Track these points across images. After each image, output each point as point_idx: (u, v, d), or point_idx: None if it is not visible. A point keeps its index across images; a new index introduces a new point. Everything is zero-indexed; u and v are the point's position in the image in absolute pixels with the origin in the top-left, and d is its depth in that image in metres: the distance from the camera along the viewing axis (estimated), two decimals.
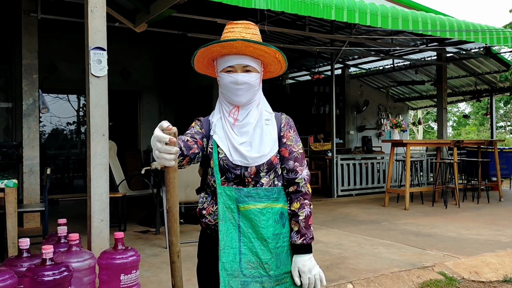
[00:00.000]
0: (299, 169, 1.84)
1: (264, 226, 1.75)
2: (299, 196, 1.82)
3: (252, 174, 1.77)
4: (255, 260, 1.75)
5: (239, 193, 1.77)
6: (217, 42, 1.75)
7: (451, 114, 28.30)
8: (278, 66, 1.89)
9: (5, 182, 4.17)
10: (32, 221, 6.53)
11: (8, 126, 8.90)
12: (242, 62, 1.79)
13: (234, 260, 1.74)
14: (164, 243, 5.24)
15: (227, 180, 1.79)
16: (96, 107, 3.53)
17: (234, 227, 1.76)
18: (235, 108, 1.83)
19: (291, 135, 1.88)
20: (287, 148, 1.85)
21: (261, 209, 1.76)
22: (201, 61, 1.89)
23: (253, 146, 1.78)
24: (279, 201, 1.81)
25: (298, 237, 1.80)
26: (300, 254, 1.80)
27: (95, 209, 3.52)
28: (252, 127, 1.80)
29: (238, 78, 1.77)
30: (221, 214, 1.76)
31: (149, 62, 10.76)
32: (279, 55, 1.80)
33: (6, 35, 8.83)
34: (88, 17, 3.51)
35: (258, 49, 1.77)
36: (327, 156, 10.45)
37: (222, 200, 1.77)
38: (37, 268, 2.60)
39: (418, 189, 8.79)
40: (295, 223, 1.81)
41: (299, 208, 1.81)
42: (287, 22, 8.16)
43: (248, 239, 1.76)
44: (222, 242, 1.74)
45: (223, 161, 1.78)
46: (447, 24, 7.28)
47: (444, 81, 10.66)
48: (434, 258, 4.62)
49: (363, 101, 13.16)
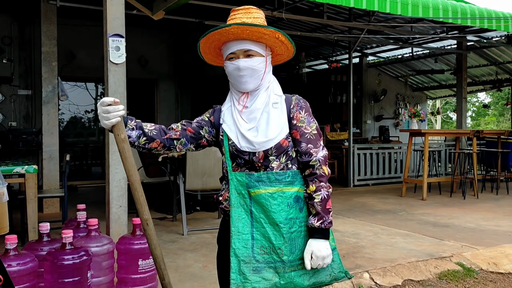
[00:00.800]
0: (313, 151, 1.79)
1: (276, 211, 1.72)
2: (314, 178, 1.77)
3: (260, 158, 1.75)
4: (268, 245, 1.73)
5: (250, 178, 1.75)
6: (212, 30, 1.74)
7: (470, 104, 27.85)
8: (283, 47, 1.83)
9: (25, 168, 4.24)
10: (51, 207, 6.65)
11: (28, 113, 9.03)
12: (243, 47, 1.76)
13: (246, 246, 1.73)
14: (181, 230, 5.28)
15: (239, 166, 1.79)
16: (115, 94, 3.55)
17: (246, 212, 1.75)
18: (244, 95, 1.81)
19: (302, 116, 1.81)
20: (298, 130, 1.80)
21: (272, 194, 1.73)
22: (209, 52, 1.88)
23: (260, 131, 1.76)
24: (294, 185, 1.77)
25: (316, 220, 1.74)
26: (317, 238, 1.74)
27: (114, 195, 3.56)
28: (260, 112, 1.77)
29: (240, 64, 1.75)
30: (233, 200, 1.76)
31: (166, 50, 10.77)
32: (280, 35, 1.75)
33: (26, 22, 8.92)
34: (107, 4, 3.52)
35: (255, 32, 1.72)
36: (344, 146, 10.39)
37: (234, 186, 1.77)
38: (57, 252, 2.65)
39: (436, 180, 8.69)
40: (312, 206, 1.76)
41: (314, 191, 1.76)
42: (305, 9, 8.08)
43: (261, 224, 1.74)
44: (233, 228, 1.74)
45: (232, 147, 1.79)
46: (468, 11, 7.13)
47: (464, 70, 10.47)
48: (452, 248, 4.58)
49: (381, 90, 13.02)
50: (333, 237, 1.85)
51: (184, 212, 5.30)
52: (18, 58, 8.92)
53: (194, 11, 7.56)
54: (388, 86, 13.22)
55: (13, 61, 8.83)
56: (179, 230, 5.36)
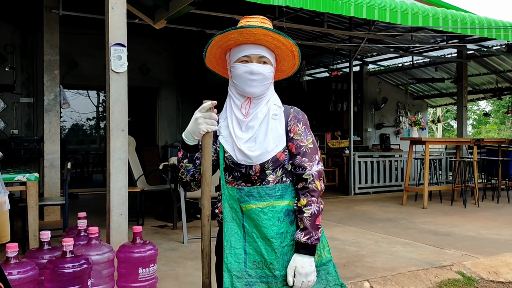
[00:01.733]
0: (308, 164, 1.75)
1: (267, 226, 1.71)
2: (305, 192, 1.74)
3: (257, 172, 1.74)
4: (260, 260, 1.72)
5: (240, 192, 1.74)
6: (235, 29, 1.70)
7: (471, 112, 27.85)
8: (291, 62, 1.84)
9: (27, 175, 4.26)
10: (52, 214, 6.66)
11: (29, 121, 9.06)
12: (259, 52, 1.75)
13: (238, 260, 1.71)
14: (181, 238, 5.29)
15: (235, 179, 1.78)
16: (116, 103, 3.57)
17: (239, 226, 1.74)
18: (246, 101, 1.78)
19: (299, 129, 1.79)
20: (294, 142, 1.77)
21: (262, 208, 1.72)
22: (214, 52, 1.83)
23: (257, 142, 1.73)
24: (284, 199, 1.75)
25: (303, 235, 1.71)
26: (301, 254, 1.71)
27: (114, 203, 3.57)
28: (259, 122, 1.75)
29: (253, 67, 1.73)
30: (225, 214, 1.75)
31: (168, 59, 10.83)
32: (295, 49, 1.77)
33: (28, 31, 8.99)
34: (109, 14, 3.55)
35: (276, 39, 1.73)
36: (344, 154, 10.39)
37: (226, 200, 1.76)
38: (58, 260, 2.65)
39: (437, 188, 8.69)
40: (300, 220, 1.72)
41: (305, 205, 1.72)
42: (305, 18, 8.13)
43: (253, 238, 1.72)
44: (226, 243, 1.73)
45: (228, 160, 1.77)
46: (468, 20, 7.17)
47: (464, 79, 10.50)
48: (452, 257, 4.57)
49: (381, 99, 13.05)
50: (328, 248, 1.83)
51: (185, 220, 5.30)
52: (20, 66, 8.98)
53: (195, 20, 7.61)
54: (389, 94, 13.26)
55: (15, 69, 8.88)
56: (180, 238, 5.36)
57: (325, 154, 11.02)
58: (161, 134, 11.00)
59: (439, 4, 8.15)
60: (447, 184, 9.60)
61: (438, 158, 10.08)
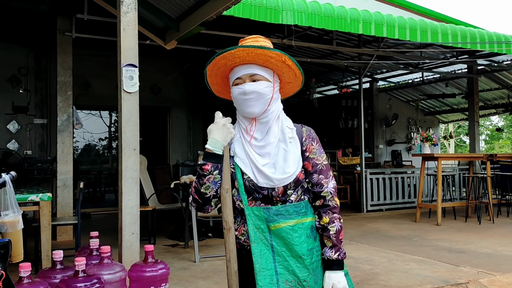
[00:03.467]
0: (324, 181, 1.78)
1: (298, 243, 1.71)
2: (327, 210, 1.77)
3: (280, 193, 1.73)
4: (293, 279, 1.70)
5: (268, 212, 1.73)
6: (218, 54, 1.72)
7: (483, 127, 27.63)
8: (291, 74, 1.79)
9: (40, 195, 4.30)
10: (65, 234, 6.68)
11: (43, 141, 9.17)
12: (249, 72, 1.73)
13: (272, 281, 1.69)
14: (193, 256, 5.27)
15: (254, 200, 1.76)
16: (128, 123, 3.61)
17: (267, 247, 1.72)
18: (251, 123, 1.77)
19: (314, 147, 1.80)
20: (310, 161, 1.78)
21: (293, 226, 1.72)
22: (216, 82, 1.86)
23: (277, 168, 1.72)
24: (307, 215, 1.77)
25: (333, 252, 1.74)
26: (335, 270, 1.74)
27: (126, 222, 3.58)
28: (273, 146, 1.74)
29: (245, 87, 1.72)
30: (252, 235, 1.72)
31: (179, 78, 10.94)
32: (286, 58, 1.71)
33: (42, 53, 9.17)
34: (121, 35, 3.62)
35: (261, 54, 1.70)
36: (356, 171, 10.34)
37: (252, 221, 1.73)
38: (70, 279, 2.66)
39: (451, 204, 8.58)
40: (327, 238, 1.75)
41: (328, 222, 1.75)
42: (314, 37, 8.19)
43: (283, 258, 1.71)
44: (257, 265, 1.69)
45: (248, 182, 1.74)
46: (477, 36, 7.18)
47: (475, 94, 10.46)
48: (468, 275, 4.49)
49: (392, 115, 13.02)
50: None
51: (196, 239, 5.29)
52: (34, 88, 9.13)
53: (206, 40, 7.71)
54: (400, 111, 13.22)
55: (29, 91, 9.03)
56: (191, 257, 5.35)
57: (336, 171, 10.98)
58: (172, 153, 11.06)
59: (448, 20, 8.18)
60: (460, 201, 9.48)
61: (451, 174, 9.97)
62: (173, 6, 5.21)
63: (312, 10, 6.04)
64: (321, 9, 6.11)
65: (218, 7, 4.57)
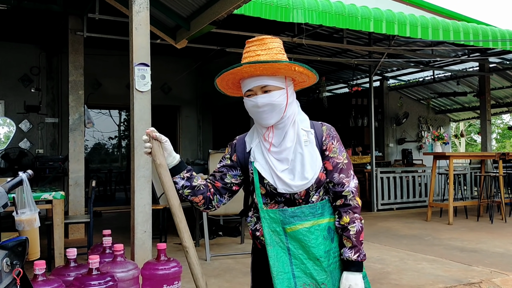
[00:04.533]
0: (346, 180, 1.74)
1: (315, 245, 1.68)
2: (347, 209, 1.73)
3: (302, 195, 1.72)
4: (311, 282, 1.67)
5: (284, 214, 1.71)
6: (226, 71, 1.70)
7: (494, 126, 27.36)
8: (304, 76, 1.74)
9: (53, 194, 4.34)
10: (76, 232, 6.73)
11: (54, 140, 9.25)
12: (259, 83, 1.69)
13: (290, 285, 1.67)
14: (203, 255, 5.28)
15: (277, 203, 1.74)
16: (140, 121, 3.63)
17: (283, 250, 1.70)
18: (269, 130, 1.74)
19: (334, 146, 1.77)
20: (330, 160, 1.75)
21: (309, 228, 1.69)
22: (227, 87, 1.84)
23: (296, 174, 1.70)
24: (324, 216, 1.74)
25: (353, 252, 1.71)
26: (353, 271, 1.71)
27: (138, 221, 3.60)
28: (291, 152, 1.71)
29: (258, 101, 1.69)
30: (267, 238, 1.70)
31: (189, 77, 10.96)
32: (296, 66, 1.66)
33: (54, 53, 9.24)
34: (133, 35, 3.64)
35: (269, 68, 1.65)
36: (366, 169, 10.29)
37: (267, 224, 1.72)
38: (84, 277, 2.68)
39: (462, 203, 8.52)
40: (347, 238, 1.71)
41: (349, 222, 1.72)
42: (324, 35, 8.16)
43: (300, 260, 1.68)
44: (274, 269, 1.67)
45: (269, 186, 1.73)
46: (489, 33, 7.11)
47: (487, 92, 10.36)
48: (480, 274, 4.46)
49: (402, 113, 12.93)
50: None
51: (207, 237, 5.30)
52: (45, 87, 9.21)
53: (216, 39, 7.71)
54: (410, 109, 13.14)
55: (41, 90, 9.11)
56: (202, 255, 5.36)
57: None
58: (182, 152, 11.09)
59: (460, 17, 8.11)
60: (472, 200, 9.39)
61: (463, 173, 9.89)
62: (184, 5, 5.22)
63: (323, 8, 6.02)
64: (332, 7, 6.09)
65: (228, 6, 4.57)
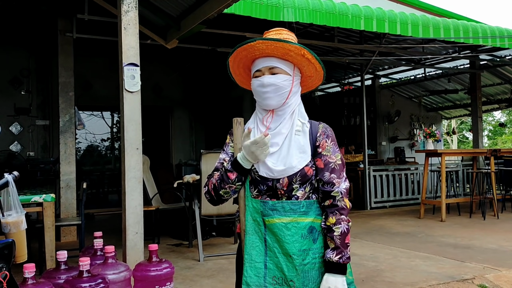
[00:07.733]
0: (336, 181, 1.73)
1: (289, 242, 1.68)
2: (334, 210, 1.71)
3: (284, 186, 1.72)
4: (280, 276, 1.69)
5: (264, 206, 1.73)
6: (239, 46, 1.75)
7: (486, 123, 27.54)
8: (312, 68, 1.80)
9: (43, 196, 4.29)
10: (68, 235, 6.68)
11: (45, 143, 9.17)
12: (268, 64, 1.76)
13: (258, 274, 1.69)
14: (197, 256, 5.26)
15: (260, 193, 1.76)
16: (130, 122, 3.60)
17: (260, 240, 1.72)
18: (268, 114, 1.79)
19: (328, 145, 1.78)
20: (322, 158, 1.76)
21: (286, 224, 1.69)
22: (239, 73, 1.89)
23: (280, 158, 1.72)
24: (308, 215, 1.72)
25: (335, 254, 1.68)
26: (334, 273, 1.67)
27: (130, 222, 3.57)
28: (283, 138, 1.74)
29: (264, 80, 1.75)
30: (248, 226, 1.74)
31: (180, 78, 10.92)
32: (305, 52, 1.72)
33: (43, 55, 9.16)
34: (122, 34, 3.60)
35: (280, 47, 1.71)
36: (359, 168, 10.31)
37: (250, 212, 1.75)
38: (75, 280, 2.65)
39: (455, 200, 8.56)
40: (331, 239, 1.69)
41: (334, 223, 1.69)
42: (315, 34, 8.16)
43: (274, 253, 1.70)
44: (246, 256, 1.71)
45: (254, 173, 1.76)
46: (479, 30, 7.14)
47: (478, 89, 10.42)
48: (473, 270, 4.47)
49: (394, 112, 12.98)
50: (350, 270, 1.78)
51: (200, 238, 5.28)
52: (36, 89, 9.12)
53: (207, 39, 7.69)
54: (402, 107, 13.18)
55: (31, 92, 9.02)
56: (195, 256, 5.34)
57: None
58: (175, 153, 11.04)
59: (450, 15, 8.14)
60: (465, 196, 9.45)
61: (455, 170, 9.94)
62: (174, 5, 5.19)
63: (314, 6, 6.01)
64: (323, 6, 6.09)
65: (218, 5, 4.55)
